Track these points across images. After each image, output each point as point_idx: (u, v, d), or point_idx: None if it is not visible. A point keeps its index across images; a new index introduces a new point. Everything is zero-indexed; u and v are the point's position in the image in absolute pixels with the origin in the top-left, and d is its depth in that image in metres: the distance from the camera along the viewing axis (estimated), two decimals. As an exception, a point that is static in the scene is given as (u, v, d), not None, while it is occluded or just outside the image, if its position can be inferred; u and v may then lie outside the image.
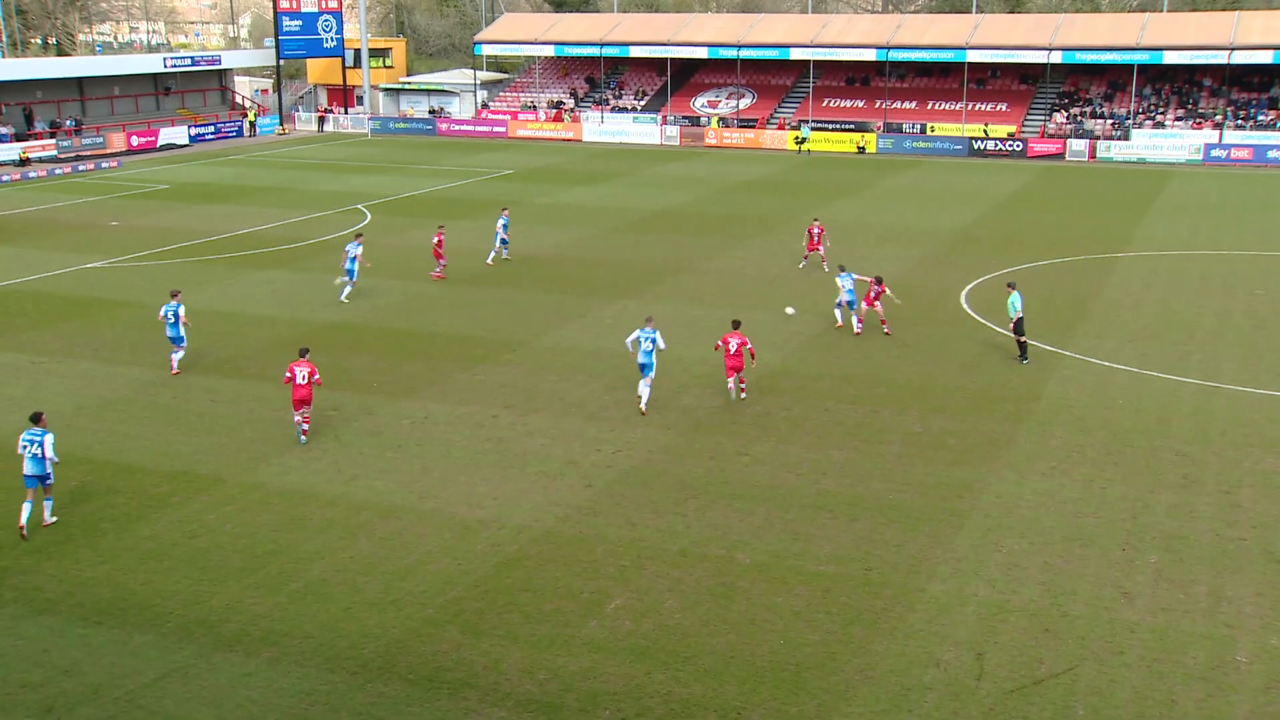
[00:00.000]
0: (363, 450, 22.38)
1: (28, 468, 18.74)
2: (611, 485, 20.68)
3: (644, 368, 23.83)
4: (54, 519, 19.21)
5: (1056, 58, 70.55)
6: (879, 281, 30.48)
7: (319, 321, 31.74)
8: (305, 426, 22.65)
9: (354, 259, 33.76)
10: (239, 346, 29.50)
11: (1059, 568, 17.55)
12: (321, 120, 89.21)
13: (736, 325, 24.67)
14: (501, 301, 34.09)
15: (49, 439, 18.76)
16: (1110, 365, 27.41)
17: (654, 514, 19.49)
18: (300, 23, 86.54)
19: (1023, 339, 27.54)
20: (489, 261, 38.75)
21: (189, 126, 79.80)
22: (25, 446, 18.73)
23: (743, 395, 24.85)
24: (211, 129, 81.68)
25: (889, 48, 73.83)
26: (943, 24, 76.60)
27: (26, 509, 18.70)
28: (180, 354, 27.02)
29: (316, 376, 22.55)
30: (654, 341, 23.87)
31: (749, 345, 24.30)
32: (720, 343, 24.49)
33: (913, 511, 19.57)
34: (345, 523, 19.23)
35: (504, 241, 39.11)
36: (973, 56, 72.16)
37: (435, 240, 36.87)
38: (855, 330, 29.97)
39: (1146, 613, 16.30)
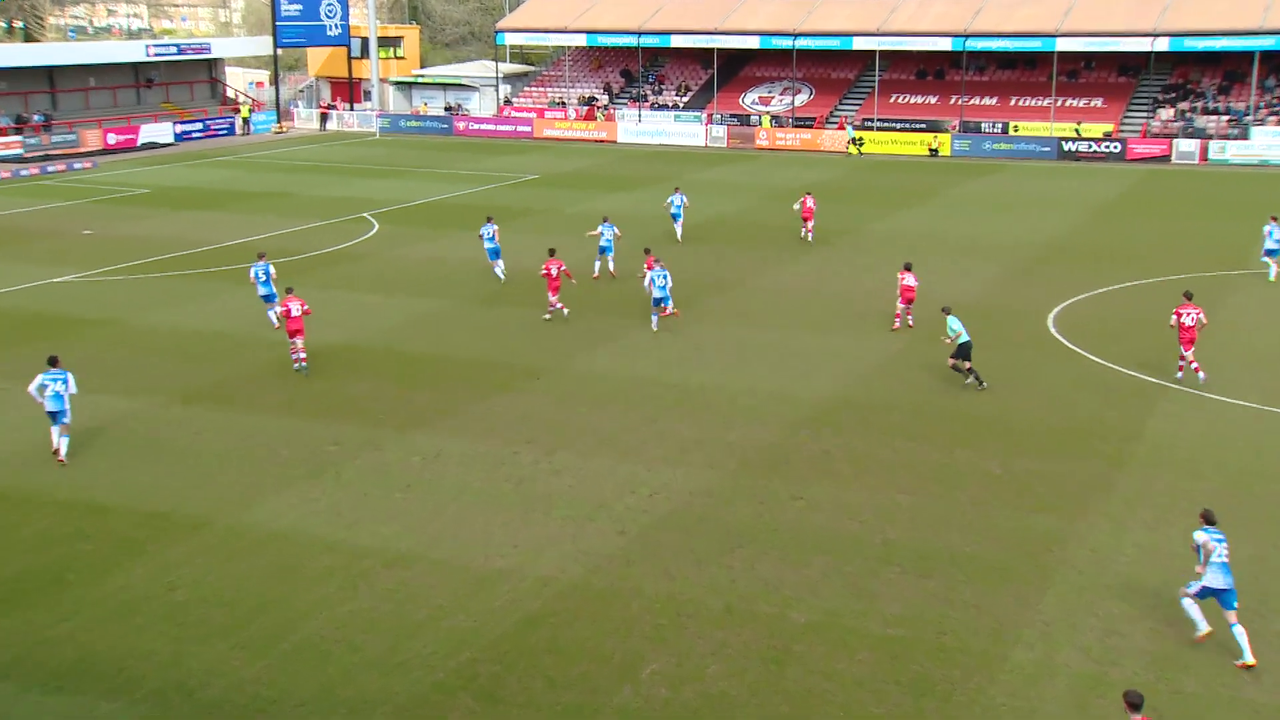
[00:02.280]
0: (366, 490, 22.52)
1: (49, 404, 23.49)
2: (648, 532, 20.69)
3: (659, 300, 31.42)
4: (65, 459, 23.59)
5: (1162, 45, 70.09)
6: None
7: (318, 343, 32.00)
8: (303, 356, 28.86)
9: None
10: (228, 371, 29.81)
11: (1167, 636, 17.35)
12: (324, 117, 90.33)
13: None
14: (524, 322, 34.26)
15: (70, 377, 23.75)
16: (1226, 399, 27.16)
17: (696, 566, 19.47)
18: (300, 7, 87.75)
19: (969, 366, 27.59)
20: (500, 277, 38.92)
21: (174, 123, 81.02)
22: (46, 386, 23.45)
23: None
24: (199, 126, 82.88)
25: (966, 36, 73.90)
26: (1029, 8, 76.35)
27: (55, 434, 23.62)
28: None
29: (307, 307, 28.96)
30: (666, 278, 32.08)
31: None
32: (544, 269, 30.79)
33: (993, 566, 19.44)
34: (345, 572, 19.34)
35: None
36: (1064, 45, 72.07)
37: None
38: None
39: (1275, 691, 16.07)
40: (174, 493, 22.47)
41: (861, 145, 73.51)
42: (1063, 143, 70.02)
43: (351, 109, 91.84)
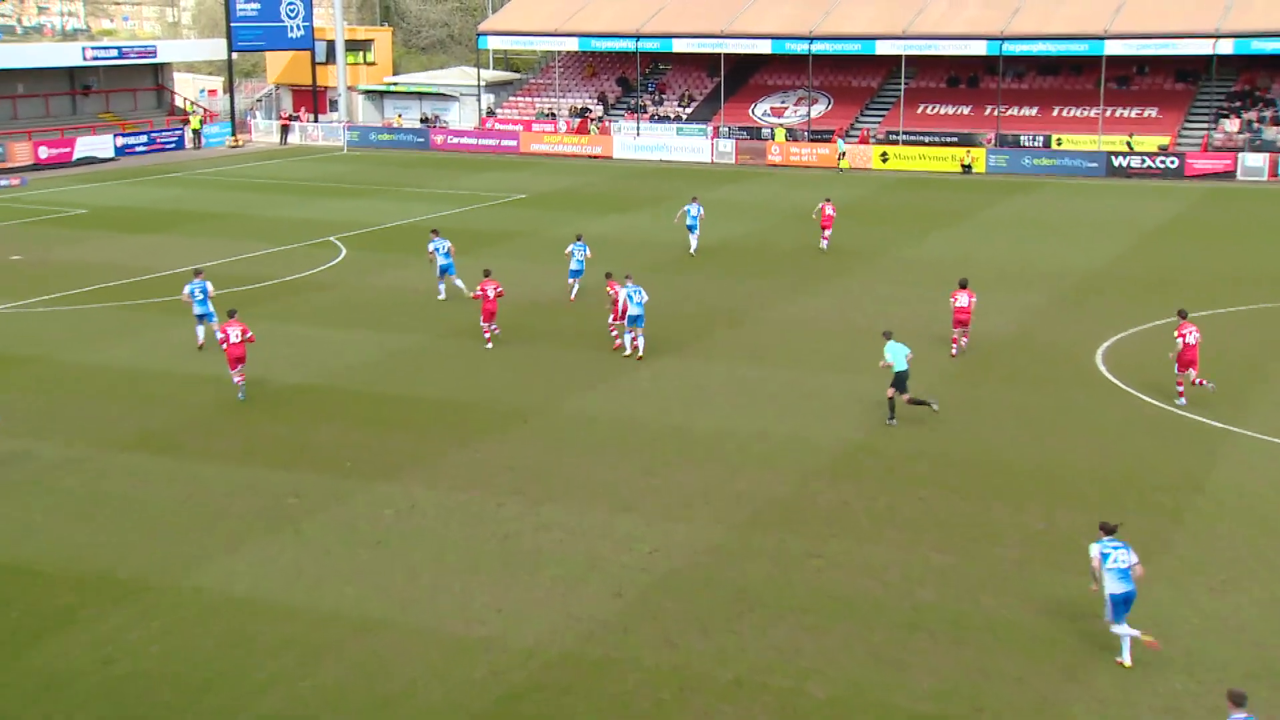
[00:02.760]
0: (331, 548, 22.54)
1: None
2: (647, 595, 20.71)
3: (634, 319, 32.74)
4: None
5: (1226, 47, 70.44)
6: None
7: (278, 382, 32.07)
8: (240, 380, 30.51)
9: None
10: (175, 414, 29.88)
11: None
12: (285, 129, 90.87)
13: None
14: (510, 359, 34.36)
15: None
16: (1296, 446, 27.24)
17: (701, 633, 19.47)
18: (258, 6, 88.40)
19: (907, 397, 28.37)
20: (442, 296, 40.00)
21: (115, 136, 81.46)
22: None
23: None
24: (144, 139, 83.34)
25: (1003, 38, 74.40)
26: (1073, 7, 76.88)
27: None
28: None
29: (250, 334, 30.43)
30: (640, 294, 33.27)
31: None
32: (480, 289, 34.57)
33: (1037, 635, 19.44)
34: (307, 642, 19.34)
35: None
36: (1113, 48, 72.59)
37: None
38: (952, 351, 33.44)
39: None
40: (112, 552, 22.46)
41: (843, 159, 74.41)
42: (1112, 158, 70.47)
43: (316, 120, 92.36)
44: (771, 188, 67.17)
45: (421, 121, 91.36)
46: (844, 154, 74.97)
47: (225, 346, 30.31)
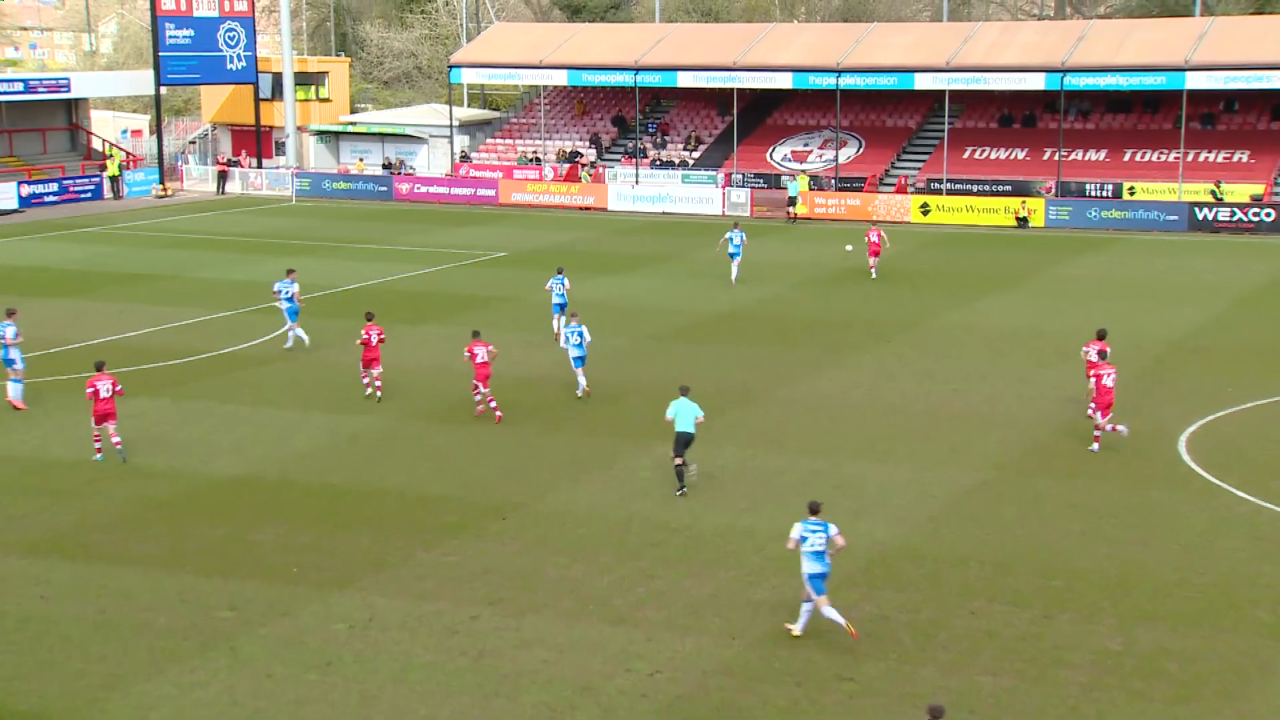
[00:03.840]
0: (273, 671, 22.44)
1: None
2: (648, 727, 20.61)
3: (578, 360, 36.41)
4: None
5: (1333, 79, 70.90)
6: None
7: (211, 474, 32.05)
8: (117, 440, 32.36)
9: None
10: (89, 511, 29.85)
11: None
12: (223, 176, 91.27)
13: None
14: (486, 444, 34.37)
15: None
16: None
17: (713, 773, 19.35)
18: (192, 33, 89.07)
19: (680, 463, 30.07)
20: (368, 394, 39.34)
21: (19, 183, 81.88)
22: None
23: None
24: (54, 187, 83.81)
25: (1065, 70, 74.83)
26: (1148, 33, 77.64)
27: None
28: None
29: (119, 388, 32.53)
30: (581, 335, 37.59)
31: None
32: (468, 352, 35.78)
33: (1113, 773, 19.30)
34: (241, 781, 19.18)
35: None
36: (1196, 80, 72.95)
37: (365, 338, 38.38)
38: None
39: None
40: (9, 679, 22.30)
41: (794, 205, 75.29)
42: (1196, 209, 70.82)
43: (259, 166, 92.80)
44: (793, 244, 67.49)
45: (384, 167, 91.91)
46: (796, 198, 75.72)
47: (94, 402, 32.09)
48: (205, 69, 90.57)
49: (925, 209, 74.95)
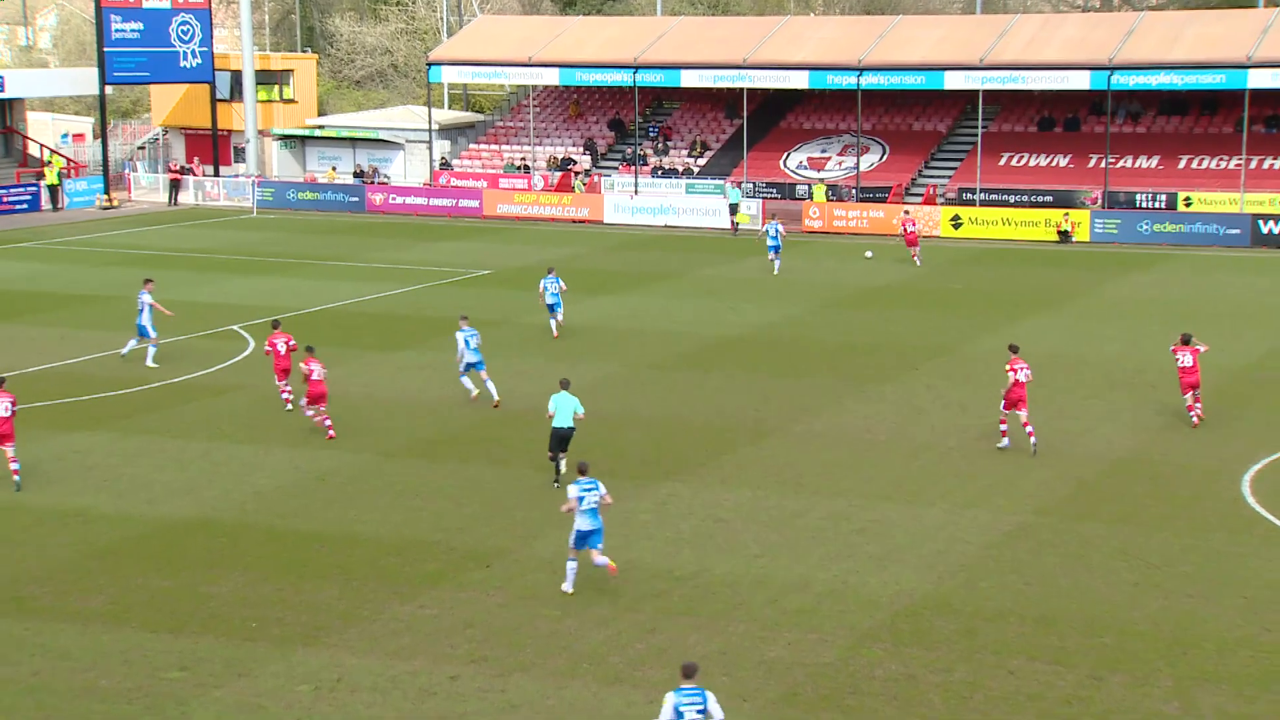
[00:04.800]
0: (225, 737, 22.24)
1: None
2: (649, 801, 20.42)
3: (474, 365, 38.77)
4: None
5: None
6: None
7: (161, 517, 31.87)
8: (16, 465, 33.41)
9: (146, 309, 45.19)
10: (24, 562, 29.64)
11: None
12: (175, 186, 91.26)
13: None
14: (468, 484, 34.24)
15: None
16: None
17: None
18: (141, 25, 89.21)
19: (552, 456, 33.40)
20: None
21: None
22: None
23: None
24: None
25: (1112, 68, 74.85)
26: (1206, 25, 77.43)
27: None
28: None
29: (16, 406, 33.55)
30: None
31: None
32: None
33: None
34: None
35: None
36: (1259, 79, 72.86)
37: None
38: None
39: None
40: (-62, 741, 22.15)
41: (736, 213, 75.65)
42: (1260, 222, 70.92)
43: (216, 174, 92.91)
44: (809, 261, 67.45)
45: (356, 176, 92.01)
46: (737, 205, 75.94)
47: None
48: (155, 66, 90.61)
49: (956, 222, 74.96)
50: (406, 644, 25.33)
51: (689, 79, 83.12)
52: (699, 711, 18.80)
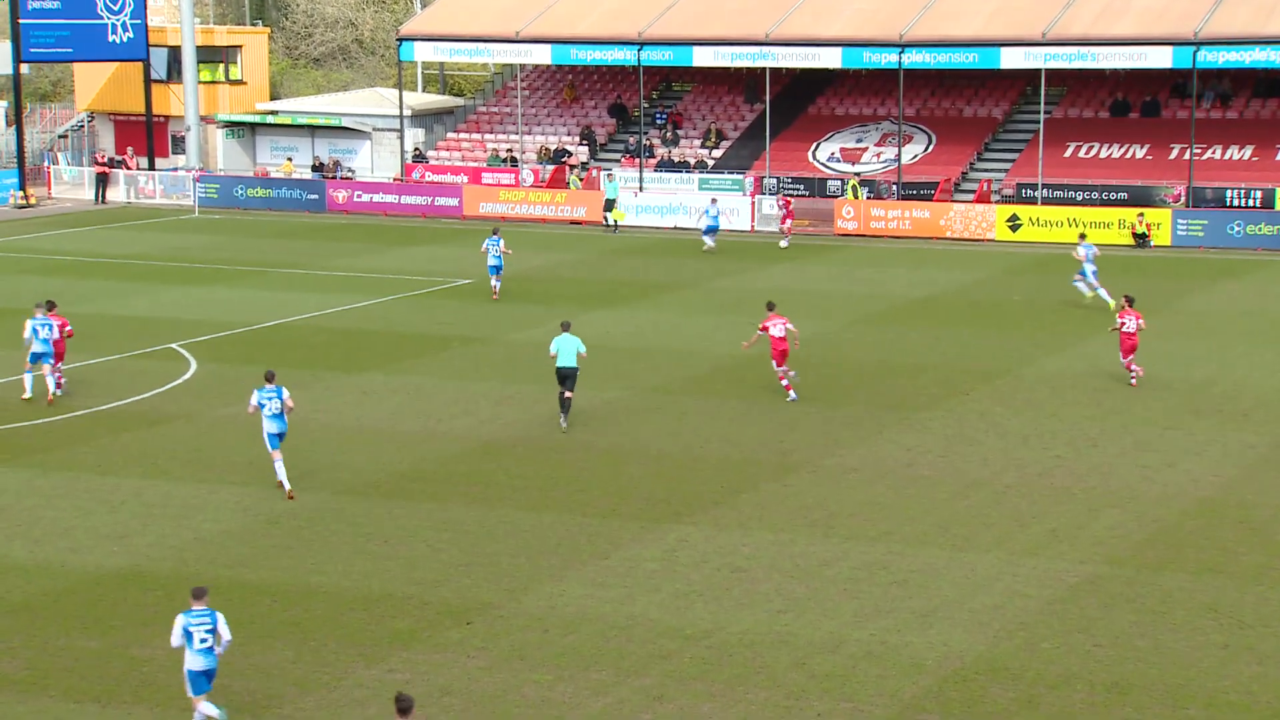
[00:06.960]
0: (161, 823, 22.27)
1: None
2: None
3: (274, 437, 36.45)
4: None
5: None
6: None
7: (86, 568, 31.87)
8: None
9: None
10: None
11: None
12: (103, 181, 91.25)
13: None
14: (446, 527, 34.24)
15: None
16: None
17: None
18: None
19: (562, 393, 36.56)
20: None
21: None
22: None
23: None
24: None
25: (1198, 43, 74.62)
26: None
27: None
28: None
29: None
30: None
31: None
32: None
33: None
34: None
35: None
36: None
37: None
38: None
39: None
40: None
41: (611, 209, 76.88)
42: (1372, 224, 70.92)
43: (151, 167, 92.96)
44: (843, 269, 67.53)
45: (315, 169, 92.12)
46: (614, 201, 76.99)
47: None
48: (80, 42, 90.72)
49: (1014, 223, 74.89)
50: (373, 714, 25.27)
51: (702, 57, 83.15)
52: (208, 631, 23.06)
